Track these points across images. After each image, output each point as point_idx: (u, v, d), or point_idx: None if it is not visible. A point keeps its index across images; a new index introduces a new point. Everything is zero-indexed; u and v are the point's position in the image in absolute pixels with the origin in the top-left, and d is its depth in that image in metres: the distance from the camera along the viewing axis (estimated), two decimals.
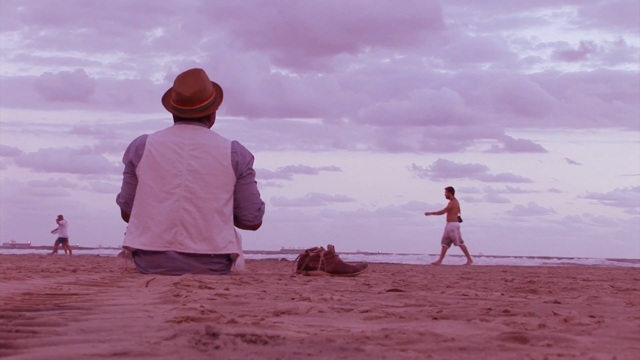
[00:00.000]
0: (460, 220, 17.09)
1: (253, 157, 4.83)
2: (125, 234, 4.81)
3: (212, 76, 4.95)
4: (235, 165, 4.72)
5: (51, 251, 26.45)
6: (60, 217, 26.81)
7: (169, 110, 4.81)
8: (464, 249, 17.07)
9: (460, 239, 17.03)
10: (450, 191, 17.32)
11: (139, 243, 4.64)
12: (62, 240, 26.61)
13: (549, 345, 1.34)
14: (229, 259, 4.75)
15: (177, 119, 4.81)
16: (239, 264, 4.83)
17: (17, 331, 1.47)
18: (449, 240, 17.15)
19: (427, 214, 17.53)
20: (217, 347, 1.25)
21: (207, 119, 4.83)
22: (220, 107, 4.92)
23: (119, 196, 4.89)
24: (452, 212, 17.09)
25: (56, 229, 26.67)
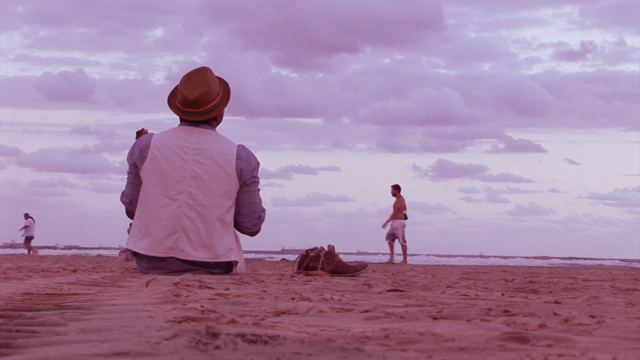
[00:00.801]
0: (405, 217, 17.21)
1: (258, 163, 4.78)
2: (128, 231, 4.81)
3: None
4: (240, 173, 4.67)
5: (26, 252, 25.42)
6: (26, 216, 25.62)
7: (174, 112, 4.77)
8: (404, 248, 17.24)
9: (403, 237, 17.15)
10: (396, 189, 17.39)
11: (140, 247, 4.64)
12: (29, 239, 25.37)
13: (549, 346, 1.34)
14: (229, 263, 4.74)
15: (182, 120, 4.78)
16: (240, 267, 4.83)
17: (17, 331, 1.47)
18: (393, 236, 17.28)
19: (383, 226, 17.50)
20: (217, 347, 1.25)
21: (213, 119, 4.78)
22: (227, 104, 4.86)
23: (123, 194, 4.87)
24: (399, 209, 17.18)
25: (25, 227, 25.68)
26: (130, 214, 4.86)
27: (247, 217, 4.80)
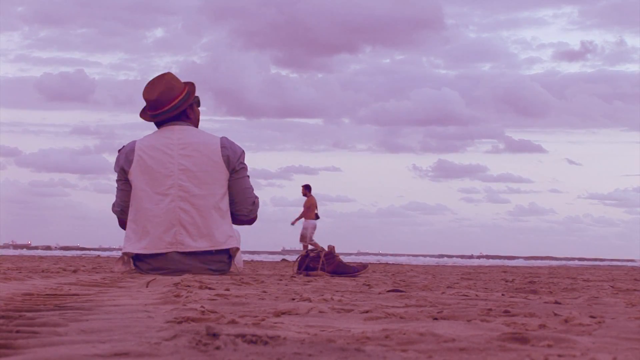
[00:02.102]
0: (317, 217, 17.19)
1: (243, 151, 4.86)
2: (124, 238, 4.81)
3: (212, 76, 4.99)
4: (227, 160, 4.74)
5: None
6: None
7: (147, 120, 4.87)
8: (315, 246, 17.14)
9: (311, 238, 17.10)
10: (307, 189, 17.35)
11: (139, 247, 4.66)
12: None
13: (549, 346, 1.34)
14: (229, 256, 4.76)
15: (159, 124, 4.84)
16: (238, 259, 4.84)
17: (17, 332, 1.47)
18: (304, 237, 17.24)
19: (292, 223, 17.42)
20: (217, 348, 1.25)
21: (187, 117, 4.84)
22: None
23: (114, 205, 4.90)
24: (310, 209, 17.15)
25: None
26: (122, 224, 4.88)
27: (242, 204, 4.85)
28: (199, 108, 4.97)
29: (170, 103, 4.77)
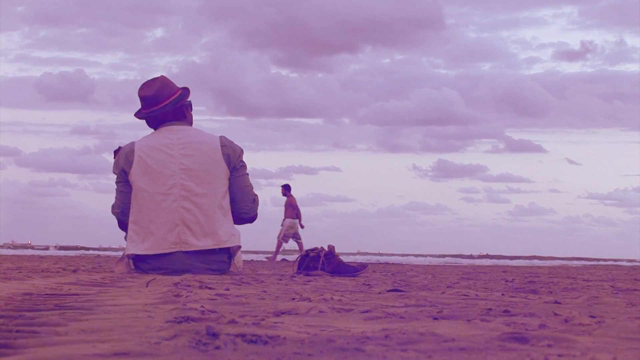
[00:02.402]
0: (297, 217, 17.28)
1: (242, 149, 4.90)
2: (125, 239, 4.80)
3: (212, 76, 5.02)
4: (227, 159, 4.78)
5: None
6: None
7: (143, 119, 4.87)
8: (279, 246, 17.23)
9: (285, 235, 17.13)
10: (286, 189, 17.43)
11: (143, 248, 4.65)
12: None
13: (549, 346, 1.34)
14: (230, 255, 4.78)
15: (156, 125, 4.85)
16: (238, 258, 4.85)
17: (17, 331, 1.47)
18: (295, 235, 17.27)
19: (301, 225, 17.47)
20: (217, 347, 1.25)
21: (184, 117, 4.87)
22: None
23: (113, 207, 4.88)
24: (291, 208, 17.23)
25: None
26: (123, 225, 4.88)
27: (243, 202, 4.88)
28: (192, 113, 5.01)
29: (167, 99, 4.80)
